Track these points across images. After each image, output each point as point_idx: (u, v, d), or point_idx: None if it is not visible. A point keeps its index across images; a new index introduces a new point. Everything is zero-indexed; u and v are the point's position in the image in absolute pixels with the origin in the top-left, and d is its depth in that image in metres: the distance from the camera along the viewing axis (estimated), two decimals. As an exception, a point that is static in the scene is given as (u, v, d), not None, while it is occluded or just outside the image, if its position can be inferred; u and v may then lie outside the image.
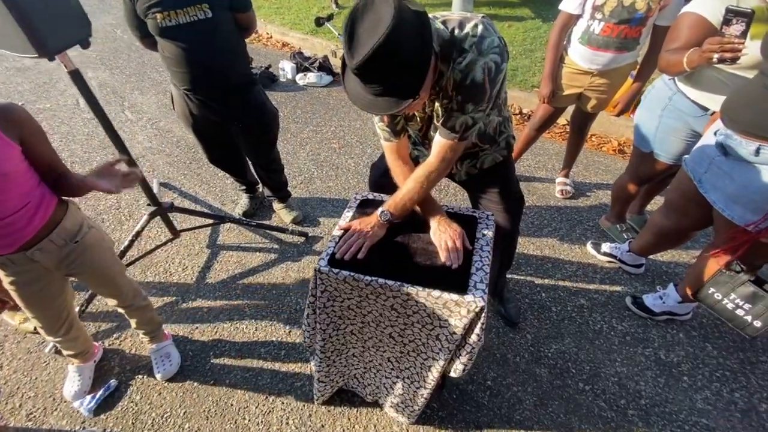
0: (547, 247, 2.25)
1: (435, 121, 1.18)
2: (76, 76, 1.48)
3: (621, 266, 2.11)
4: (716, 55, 1.29)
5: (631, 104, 2.18)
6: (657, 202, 2.45)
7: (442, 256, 1.13)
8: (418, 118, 1.23)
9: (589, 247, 2.22)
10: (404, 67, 0.88)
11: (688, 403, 1.58)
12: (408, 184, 1.19)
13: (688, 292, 1.67)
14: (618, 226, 2.31)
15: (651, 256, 2.11)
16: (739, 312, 1.39)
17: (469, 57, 0.99)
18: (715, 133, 1.36)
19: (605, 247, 2.16)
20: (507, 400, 1.58)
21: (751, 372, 1.68)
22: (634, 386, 1.62)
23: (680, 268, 2.14)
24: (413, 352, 1.23)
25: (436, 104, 1.12)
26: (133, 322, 1.56)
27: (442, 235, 1.15)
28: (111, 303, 1.46)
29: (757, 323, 1.36)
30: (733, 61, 1.27)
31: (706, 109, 1.59)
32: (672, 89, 1.69)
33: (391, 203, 1.20)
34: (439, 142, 1.14)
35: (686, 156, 1.55)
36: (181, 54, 1.63)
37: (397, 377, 1.33)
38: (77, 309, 1.81)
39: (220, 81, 1.75)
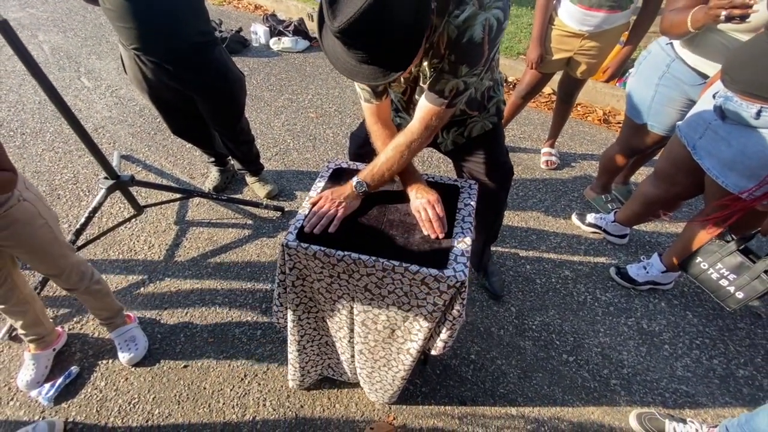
0: (531, 219, 2.20)
1: (421, 83, 1.05)
2: (5, 28, 1.28)
3: (605, 237, 2.08)
4: (724, 13, 1.19)
5: (621, 69, 2.09)
6: (642, 173, 2.41)
7: (423, 228, 1.03)
8: (402, 79, 1.10)
9: (574, 217, 2.18)
10: (395, 35, 0.75)
11: (669, 370, 1.58)
12: (387, 152, 1.08)
13: (674, 261, 1.65)
14: (603, 196, 2.27)
15: (635, 227, 2.09)
16: (723, 282, 1.37)
17: (469, 10, 0.85)
18: (713, 96, 1.28)
19: (590, 217, 2.12)
20: (491, 374, 1.55)
21: (729, 339, 1.69)
22: (616, 356, 1.62)
23: (663, 238, 2.13)
24: (389, 339, 1.15)
25: (424, 63, 0.99)
26: (87, 307, 1.44)
27: (421, 203, 1.05)
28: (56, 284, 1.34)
29: (740, 294, 1.34)
30: (743, 19, 1.17)
31: (705, 77, 1.51)
32: (670, 55, 1.59)
33: (368, 173, 1.09)
34: (424, 107, 1.02)
35: (680, 122, 1.48)
36: (123, 5, 1.42)
37: (372, 367, 1.27)
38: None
39: (173, 39, 1.56)
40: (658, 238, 2.12)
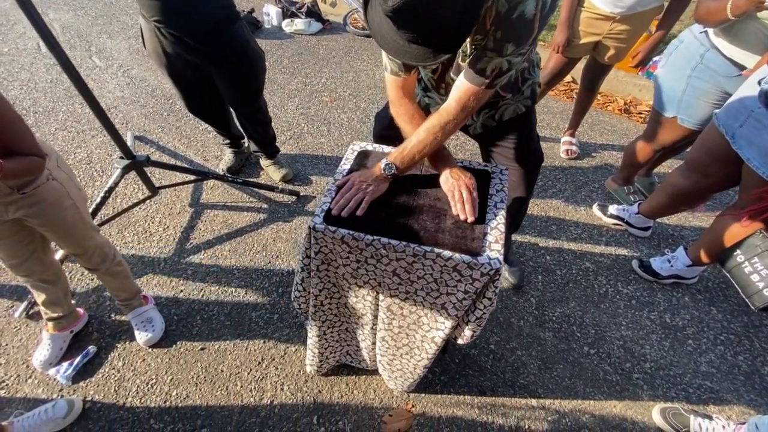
0: (551, 209, 2.15)
1: (459, 60, 1.00)
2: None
3: (627, 229, 2.03)
4: None
5: (651, 55, 2.01)
6: (666, 166, 2.34)
7: (454, 209, 1.00)
8: None
9: (595, 209, 2.13)
10: (449, 16, 0.71)
11: (693, 366, 1.55)
12: (419, 134, 1.03)
13: (702, 255, 1.60)
14: (625, 188, 2.21)
15: (658, 220, 2.03)
16: (754, 278, 1.31)
17: None
18: (759, 83, 1.22)
19: (612, 209, 2.06)
20: (511, 364, 1.52)
21: (754, 335, 1.65)
22: (639, 350, 1.58)
23: (687, 232, 2.07)
24: (414, 325, 1.12)
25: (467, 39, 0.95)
26: (106, 287, 1.43)
27: (455, 184, 1.01)
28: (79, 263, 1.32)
29: (767, 291, 1.29)
30: None
31: (742, 68, 1.44)
32: (705, 45, 1.51)
33: (398, 155, 1.04)
34: (463, 86, 0.97)
35: (717, 110, 1.41)
36: None
37: (394, 354, 1.24)
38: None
39: (196, 12, 1.51)
40: (681, 232, 2.07)
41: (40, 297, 1.39)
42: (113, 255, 1.38)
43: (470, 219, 0.97)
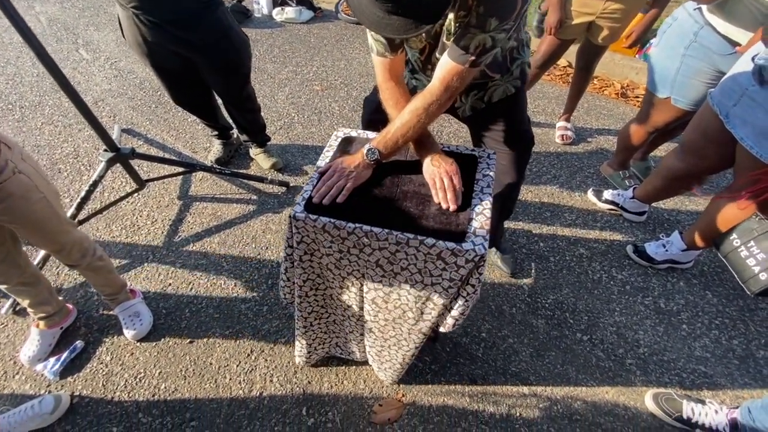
0: (546, 195, 2.12)
1: (444, 39, 0.96)
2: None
3: (622, 214, 2.00)
4: None
5: (645, 34, 1.96)
6: (663, 150, 2.30)
7: (435, 197, 0.97)
8: (423, 35, 1.01)
9: (590, 194, 2.10)
10: None
11: (687, 351, 1.53)
12: (403, 116, 0.99)
13: (697, 239, 1.58)
14: (620, 173, 2.17)
15: (653, 204, 2.00)
16: (750, 262, 1.28)
17: None
18: (752, 59, 1.18)
19: (607, 194, 2.03)
20: (502, 352, 1.51)
21: (749, 319, 1.63)
22: (632, 335, 1.57)
23: (683, 216, 2.04)
24: (399, 319, 1.10)
25: (450, 16, 0.90)
26: (90, 283, 1.40)
27: (435, 171, 0.97)
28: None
29: (763, 276, 1.26)
30: None
31: (736, 45, 1.39)
32: (698, 22, 1.47)
33: (381, 139, 1.01)
34: (446, 65, 0.93)
35: (712, 90, 1.37)
36: None
37: (382, 346, 1.22)
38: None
39: None
40: (677, 216, 2.04)
41: (25, 301, 1.37)
42: (93, 250, 1.35)
43: (452, 207, 0.94)
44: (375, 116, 1.28)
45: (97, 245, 1.38)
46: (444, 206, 0.95)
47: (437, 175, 0.97)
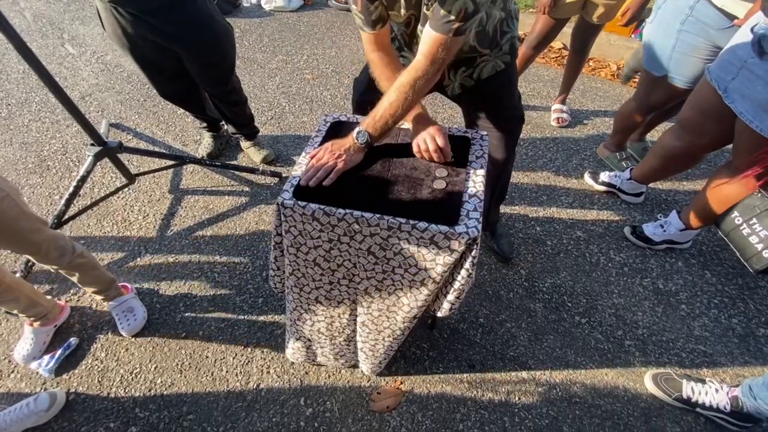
0: (542, 179, 2.09)
1: (425, 9, 0.93)
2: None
3: (620, 196, 1.98)
4: None
5: (641, 11, 1.91)
6: (659, 130, 2.27)
7: (422, 159, 0.98)
8: (404, 5, 0.97)
9: (586, 177, 2.07)
10: None
11: (686, 330, 1.52)
12: (390, 95, 0.96)
13: (695, 218, 1.56)
14: (617, 154, 2.15)
15: (650, 185, 1.98)
16: (753, 239, 1.26)
17: None
18: (751, 30, 1.14)
19: (603, 176, 2.01)
20: (500, 337, 1.50)
21: (749, 297, 1.62)
22: (631, 317, 1.56)
23: (681, 196, 2.02)
24: (393, 306, 1.08)
25: None
26: (76, 282, 1.37)
27: (417, 139, 0.98)
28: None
29: (767, 253, 1.25)
30: None
31: (733, 18, 1.35)
32: None
33: (370, 121, 0.98)
34: (430, 36, 0.90)
35: (710, 64, 1.34)
36: None
37: (376, 339, 1.20)
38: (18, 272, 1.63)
39: None
40: (675, 196, 2.02)
41: (14, 310, 1.35)
42: (71, 247, 1.30)
43: (443, 159, 0.97)
44: (365, 97, 1.25)
45: (75, 243, 1.33)
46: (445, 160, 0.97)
47: (420, 139, 0.97)
